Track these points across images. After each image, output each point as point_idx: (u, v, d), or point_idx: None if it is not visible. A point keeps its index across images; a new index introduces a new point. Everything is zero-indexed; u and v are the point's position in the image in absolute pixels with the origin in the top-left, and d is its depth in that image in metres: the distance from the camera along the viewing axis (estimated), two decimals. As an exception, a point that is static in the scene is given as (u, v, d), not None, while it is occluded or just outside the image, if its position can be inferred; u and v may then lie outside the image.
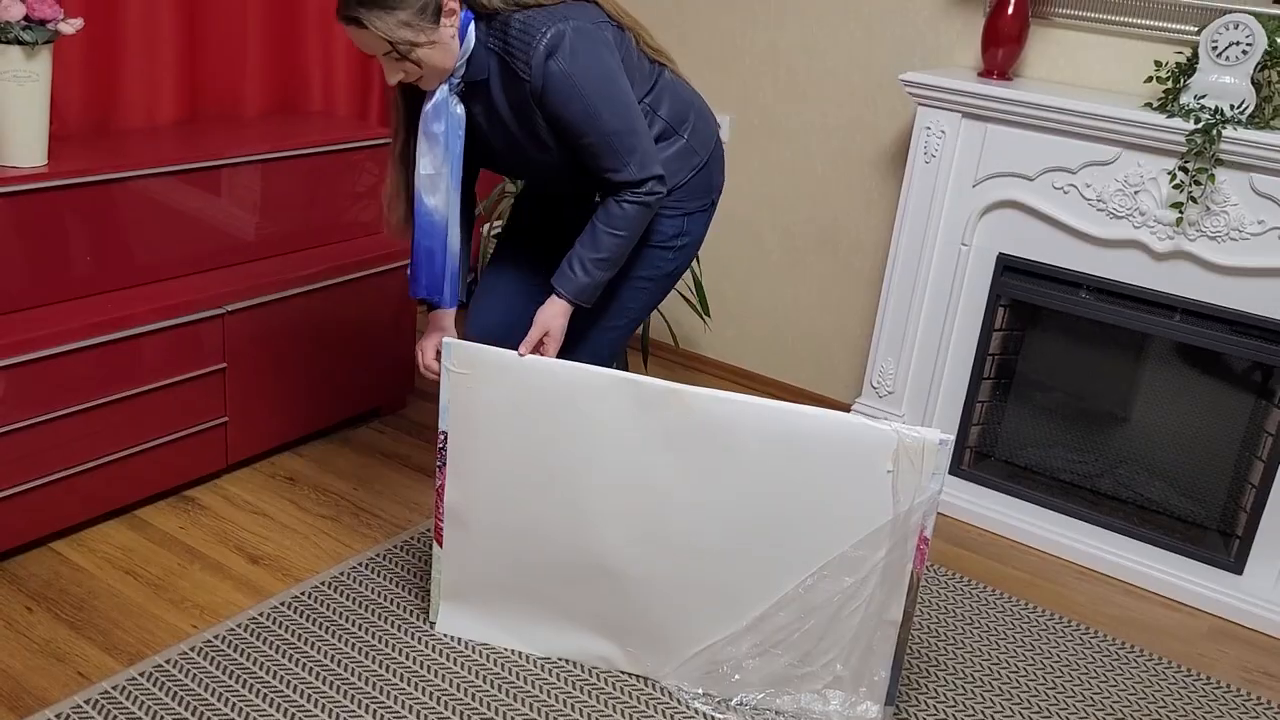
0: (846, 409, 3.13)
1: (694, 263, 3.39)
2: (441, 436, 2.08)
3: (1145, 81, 2.61)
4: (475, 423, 2.06)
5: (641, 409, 1.96)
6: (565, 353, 2.09)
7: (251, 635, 2.18)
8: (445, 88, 1.94)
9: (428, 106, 1.95)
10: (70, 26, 2.25)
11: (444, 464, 2.10)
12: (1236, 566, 2.62)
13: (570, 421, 2.00)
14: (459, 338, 2.09)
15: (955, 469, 2.93)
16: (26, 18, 2.17)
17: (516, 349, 2.02)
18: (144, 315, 2.41)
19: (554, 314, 2.05)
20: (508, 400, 2.03)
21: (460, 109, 1.97)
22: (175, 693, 2.01)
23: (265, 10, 2.92)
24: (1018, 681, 2.27)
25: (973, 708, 2.18)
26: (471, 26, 1.90)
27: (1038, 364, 2.98)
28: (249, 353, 2.65)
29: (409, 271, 2.12)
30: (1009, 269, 2.78)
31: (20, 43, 2.18)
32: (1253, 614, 2.55)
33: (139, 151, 2.54)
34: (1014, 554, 2.79)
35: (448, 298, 2.11)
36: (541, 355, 2.04)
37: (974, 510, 2.89)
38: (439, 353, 2.08)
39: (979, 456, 3.02)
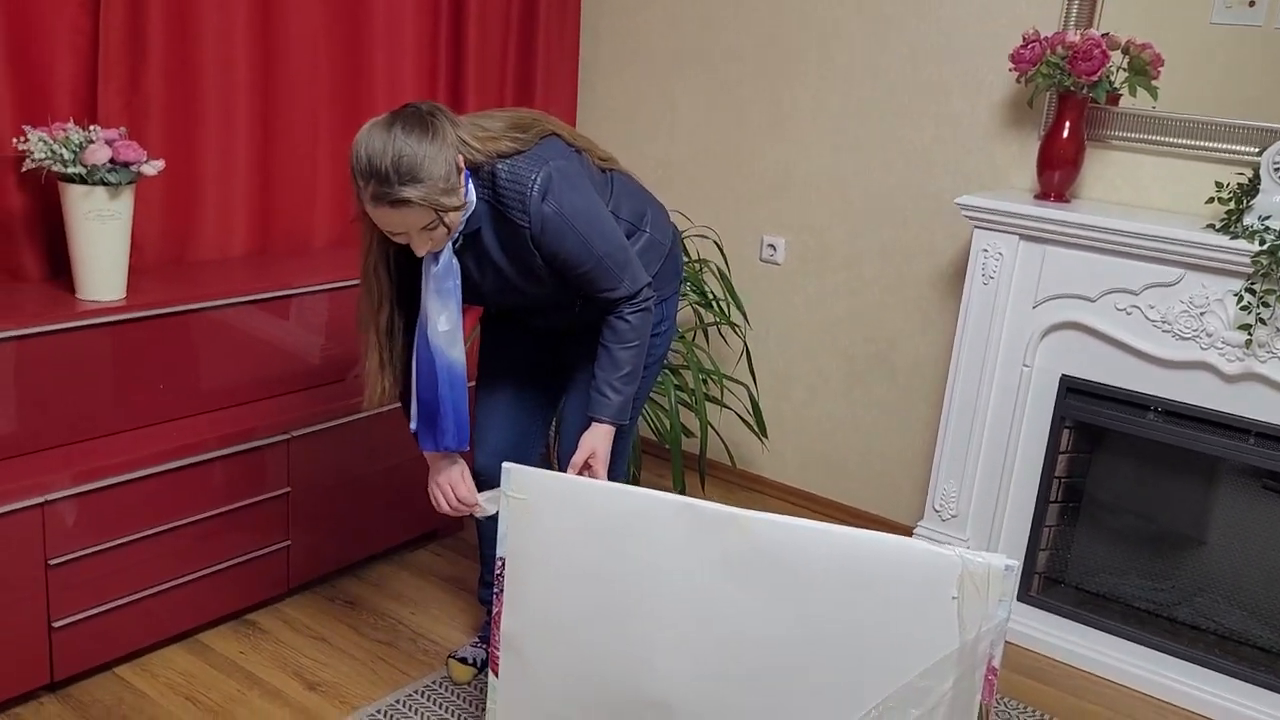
0: (909, 532, 3.07)
1: (751, 382, 3.40)
2: (500, 563, 2.07)
3: (1206, 202, 2.60)
4: (532, 549, 2.04)
5: (700, 533, 1.94)
6: None
7: (306, 766, 2.16)
8: (449, 245, 1.96)
9: (436, 268, 1.96)
10: (152, 168, 2.35)
11: (501, 591, 2.09)
12: (1328, 703, 2.49)
13: (627, 546, 1.98)
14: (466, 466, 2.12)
15: (1024, 596, 2.84)
16: (112, 160, 2.28)
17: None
18: (212, 442, 2.46)
19: (599, 437, 2.10)
20: (564, 525, 2.01)
21: (455, 261, 1.99)
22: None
23: (334, 148, 3.04)
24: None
25: None
26: (470, 181, 1.93)
27: (1107, 487, 2.90)
28: (312, 477, 2.69)
29: (422, 427, 2.09)
30: (1073, 390, 2.73)
31: (105, 184, 2.29)
32: (1349, 754, 2.41)
33: (212, 283, 2.63)
34: (1090, 687, 2.67)
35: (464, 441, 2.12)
36: (590, 477, 2.05)
37: (1046, 640, 2.80)
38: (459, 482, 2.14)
39: (1049, 582, 2.92)
